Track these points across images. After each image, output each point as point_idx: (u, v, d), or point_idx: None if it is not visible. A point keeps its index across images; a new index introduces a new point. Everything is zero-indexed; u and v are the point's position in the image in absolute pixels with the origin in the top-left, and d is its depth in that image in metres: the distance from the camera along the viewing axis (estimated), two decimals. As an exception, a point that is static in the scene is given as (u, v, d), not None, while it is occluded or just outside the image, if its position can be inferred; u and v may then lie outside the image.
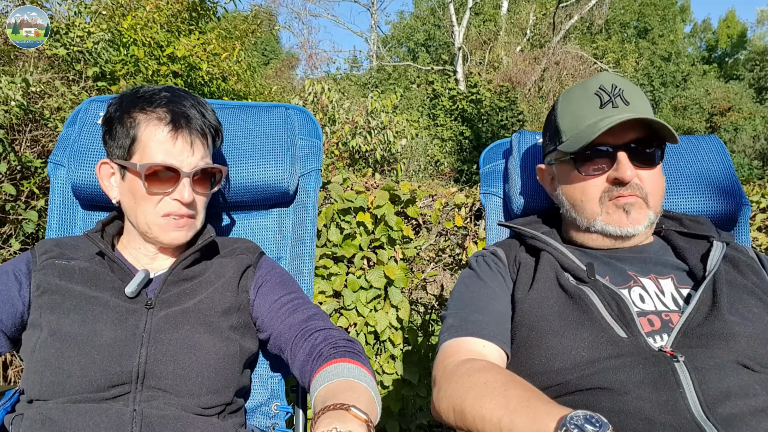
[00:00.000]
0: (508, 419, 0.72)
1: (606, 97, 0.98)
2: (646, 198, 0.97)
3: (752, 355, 0.81)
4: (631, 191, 0.96)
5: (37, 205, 2.36)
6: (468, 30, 19.03)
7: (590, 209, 1.00)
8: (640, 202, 0.97)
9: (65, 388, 0.86)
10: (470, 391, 0.80)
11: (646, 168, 0.98)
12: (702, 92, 21.87)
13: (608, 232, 0.99)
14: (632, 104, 0.97)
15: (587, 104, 0.99)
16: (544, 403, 0.73)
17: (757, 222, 2.30)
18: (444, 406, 0.85)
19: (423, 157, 9.98)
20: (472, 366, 0.86)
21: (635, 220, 0.97)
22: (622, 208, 0.97)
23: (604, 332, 0.86)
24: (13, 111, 2.42)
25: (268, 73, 14.72)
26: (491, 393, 0.78)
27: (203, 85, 4.06)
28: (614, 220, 0.98)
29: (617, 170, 0.95)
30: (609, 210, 0.98)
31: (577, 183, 1.01)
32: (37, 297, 0.94)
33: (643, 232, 1.00)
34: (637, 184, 0.97)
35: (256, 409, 1.14)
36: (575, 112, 1.01)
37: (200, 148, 0.98)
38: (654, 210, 0.99)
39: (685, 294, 0.94)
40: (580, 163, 1.00)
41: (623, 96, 0.97)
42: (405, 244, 2.20)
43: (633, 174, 0.95)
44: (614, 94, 0.98)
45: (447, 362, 0.90)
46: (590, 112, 0.99)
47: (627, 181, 0.95)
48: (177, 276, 1.00)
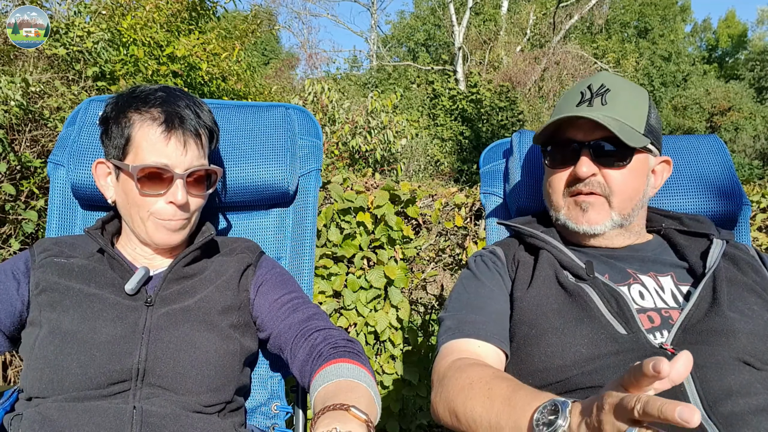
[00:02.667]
0: (495, 421, 0.74)
1: (587, 95, 1.00)
2: (609, 197, 0.98)
3: (753, 351, 0.81)
4: (591, 188, 0.98)
5: (37, 205, 2.36)
6: (468, 30, 19.03)
7: (555, 201, 1.04)
8: (600, 202, 0.98)
9: (64, 386, 0.86)
10: (459, 394, 0.81)
11: (613, 168, 0.97)
12: (702, 92, 21.86)
13: (568, 227, 1.03)
14: (610, 105, 0.97)
15: (569, 101, 1.02)
16: (525, 395, 0.73)
17: (758, 222, 2.30)
18: (441, 409, 0.86)
19: (423, 157, 9.98)
20: (459, 366, 0.86)
21: (592, 220, 0.99)
22: (579, 205, 1.00)
23: (603, 329, 0.86)
24: (13, 111, 2.42)
25: (268, 72, 14.71)
26: (477, 394, 0.79)
27: (203, 85, 4.06)
28: (572, 216, 1.02)
29: (576, 166, 0.98)
30: (569, 206, 1.02)
31: (547, 176, 1.06)
32: (36, 295, 0.94)
33: (617, 232, 1.02)
34: (600, 182, 0.98)
35: (256, 409, 1.14)
36: (559, 107, 1.05)
37: (194, 148, 0.97)
38: (619, 211, 0.99)
39: (685, 291, 0.94)
40: (548, 156, 1.04)
41: (605, 96, 0.98)
42: (405, 244, 2.20)
43: (590, 171, 0.96)
44: (597, 93, 0.99)
45: (442, 364, 0.91)
46: (566, 108, 1.01)
47: (583, 178, 0.97)
48: (177, 274, 1.00)
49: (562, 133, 1.01)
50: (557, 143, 1.02)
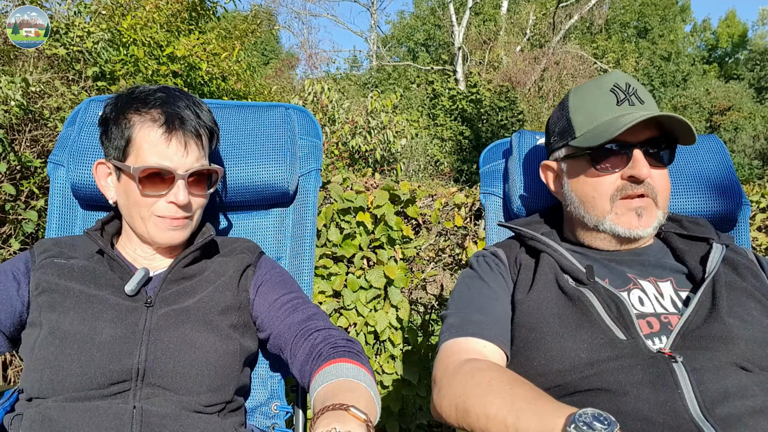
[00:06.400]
0: (514, 417, 0.72)
1: (622, 95, 0.98)
2: (656, 198, 0.97)
3: (751, 357, 0.81)
4: (644, 190, 0.96)
5: (37, 205, 2.36)
6: (468, 30, 19.03)
7: (601, 206, 0.99)
8: (651, 204, 0.97)
9: (64, 386, 0.86)
10: (474, 390, 0.80)
11: (658, 168, 0.98)
12: (702, 92, 21.86)
13: (616, 233, 0.98)
14: (646, 103, 0.98)
15: (603, 100, 0.99)
16: (550, 401, 0.73)
17: (757, 222, 2.30)
18: (446, 404, 0.85)
19: (423, 156, 9.98)
20: (475, 366, 0.86)
21: (646, 223, 0.97)
22: (634, 210, 0.97)
23: (603, 334, 0.86)
24: (13, 111, 2.42)
25: (268, 72, 14.71)
26: (496, 392, 0.78)
27: (203, 85, 4.06)
28: (624, 222, 0.97)
29: (633, 167, 0.95)
30: (619, 210, 0.97)
31: (590, 179, 1.00)
32: (36, 296, 0.94)
33: (650, 234, 1.00)
34: (649, 184, 0.96)
35: (255, 409, 1.14)
36: (591, 108, 1.00)
37: (195, 149, 0.98)
38: (663, 210, 0.99)
39: (684, 296, 0.94)
40: (596, 159, 0.98)
41: (638, 94, 0.98)
42: (405, 244, 2.20)
43: (648, 172, 0.95)
44: (629, 92, 0.98)
45: (448, 362, 0.90)
46: (607, 109, 0.98)
47: (643, 179, 0.95)
48: (177, 274, 1.00)
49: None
50: (601, 146, 0.97)
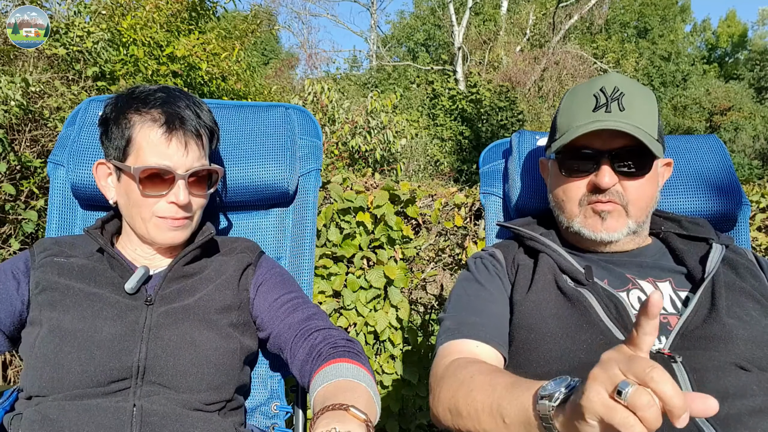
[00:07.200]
0: (497, 404, 0.74)
1: (603, 100, 0.96)
2: (627, 206, 0.97)
3: (750, 357, 0.81)
4: (610, 198, 0.96)
5: (37, 205, 2.36)
6: (468, 30, 19.02)
7: (569, 209, 1.01)
8: (618, 210, 0.97)
9: (64, 384, 0.86)
10: (460, 388, 0.81)
11: (632, 178, 0.96)
12: (702, 92, 21.85)
13: (583, 235, 1.00)
14: (628, 111, 0.94)
15: (583, 105, 0.98)
16: (526, 382, 0.74)
17: (757, 222, 2.30)
18: (440, 409, 0.86)
19: (423, 156, 9.98)
20: (458, 364, 0.86)
21: (610, 228, 0.97)
22: (598, 214, 0.97)
23: (602, 335, 0.86)
24: (13, 111, 2.42)
25: (267, 72, 14.71)
26: (479, 385, 0.79)
27: (203, 85, 4.06)
28: (589, 225, 0.99)
29: (596, 176, 0.95)
30: (586, 213, 0.99)
31: (560, 182, 1.03)
32: (36, 295, 0.94)
33: (629, 238, 1.00)
34: (618, 192, 0.96)
35: (255, 408, 1.14)
36: (571, 111, 1.01)
37: (195, 149, 0.98)
38: (635, 219, 0.98)
39: (684, 297, 0.94)
40: (564, 164, 1.00)
41: (621, 101, 0.95)
42: (405, 244, 2.20)
43: (612, 181, 0.95)
44: (612, 98, 0.95)
45: (439, 366, 0.91)
46: (582, 114, 0.98)
47: (604, 188, 0.95)
48: (177, 273, 1.00)
49: (578, 139, 0.96)
50: (572, 151, 0.98)
